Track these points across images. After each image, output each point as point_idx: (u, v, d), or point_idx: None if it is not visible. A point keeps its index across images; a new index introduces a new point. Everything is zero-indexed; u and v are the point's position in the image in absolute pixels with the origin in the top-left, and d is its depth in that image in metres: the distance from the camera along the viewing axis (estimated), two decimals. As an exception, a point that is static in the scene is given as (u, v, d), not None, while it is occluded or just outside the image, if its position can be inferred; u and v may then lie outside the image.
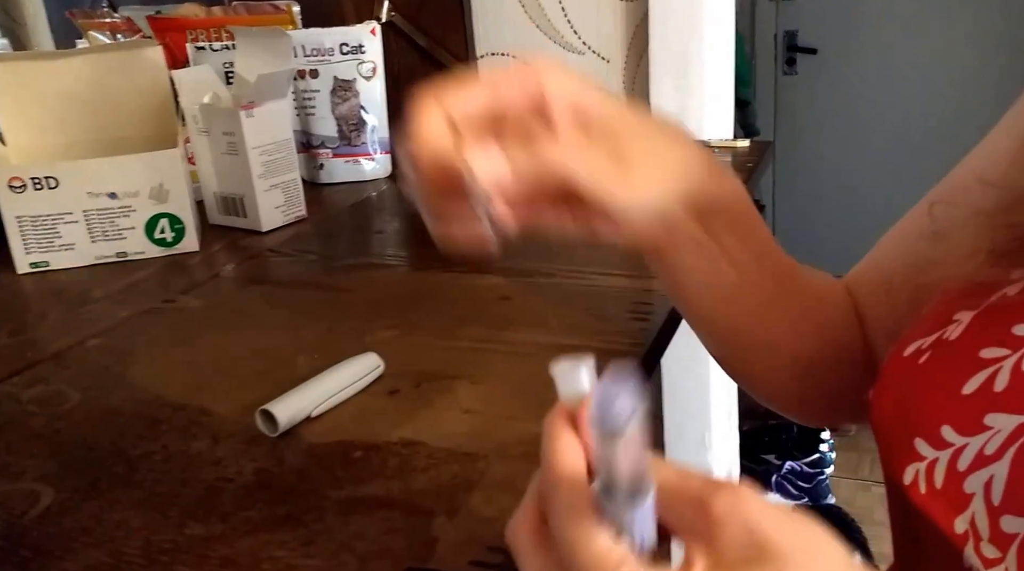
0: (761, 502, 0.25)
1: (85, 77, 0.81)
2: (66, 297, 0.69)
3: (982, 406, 0.33)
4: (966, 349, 0.35)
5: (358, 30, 0.96)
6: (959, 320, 0.36)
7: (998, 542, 0.30)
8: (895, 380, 0.38)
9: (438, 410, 0.48)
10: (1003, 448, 0.31)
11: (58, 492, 0.42)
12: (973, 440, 0.32)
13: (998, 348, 0.34)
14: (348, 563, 0.36)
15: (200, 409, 0.50)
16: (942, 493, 0.33)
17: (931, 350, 0.36)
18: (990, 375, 0.33)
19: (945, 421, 0.34)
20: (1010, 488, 0.30)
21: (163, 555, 0.37)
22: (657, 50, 1.07)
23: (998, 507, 0.30)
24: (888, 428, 0.37)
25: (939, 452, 0.33)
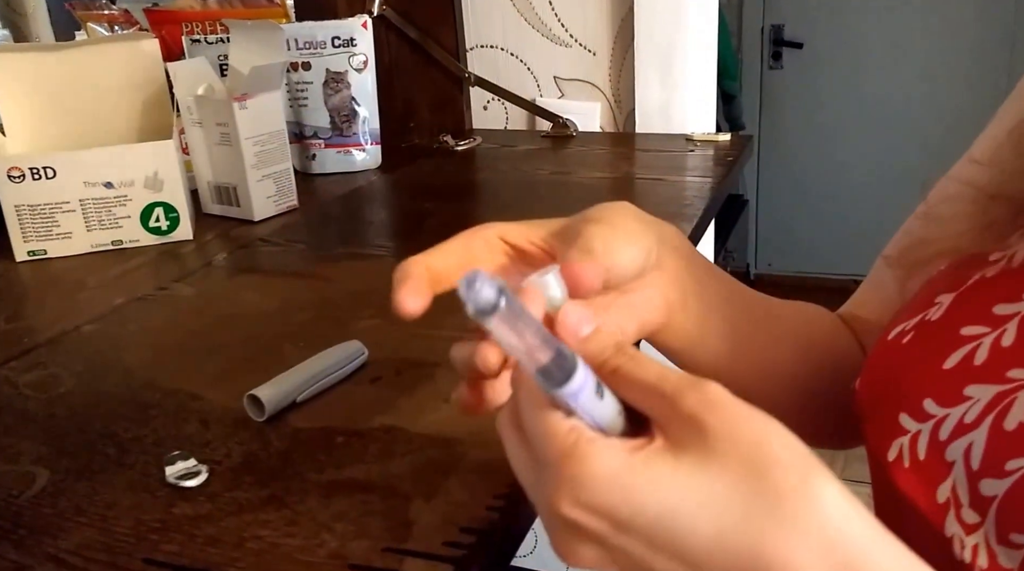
0: (727, 400, 0.26)
1: (83, 69, 0.81)
2: (63, 284, 0.70)
3: (962, 379, 0.33)
4: (947, 328, 0.35)
5: (350, 23, 0.96)
6: (940, 302, 0.37)
7: (977, 506, 0.31)
8: (879, 363, 0.38)
9: (419, 397, 0.49)
10: (982, 416, 0.32)
11: (53, 473, 0.43)
12: (953, 411, 0.33)
13: (978, 326, 0.34)
14: (328, 543, 0.37)
15: (190, 394, 0.50)
16: (925, 464, 0.33)
17: (914, 331, 0.37)
18: (970, 350, 0.34)
19: (927, 395, 0.34)
20: (988, 452, 0.31)
21: (152, 533, 0.38)
22: (642, 43, 1.08)
23: (977, 471, 0.31)
24: (873, 409, 0.37)
25: (921, 424, 0.34)
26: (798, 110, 3.17)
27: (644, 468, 0.26)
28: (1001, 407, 0.31)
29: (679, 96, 1.08)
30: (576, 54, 1.14)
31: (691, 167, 0.94)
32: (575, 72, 1.14)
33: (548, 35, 1.14)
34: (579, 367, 0.27)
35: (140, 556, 0.37)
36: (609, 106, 1.14)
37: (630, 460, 0.26)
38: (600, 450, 0.26)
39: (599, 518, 0.26)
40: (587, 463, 0.26)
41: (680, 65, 1.08)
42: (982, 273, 0.36)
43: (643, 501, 0.25)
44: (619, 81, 1.13)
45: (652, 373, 0.27)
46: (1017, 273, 0.35)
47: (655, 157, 1.00)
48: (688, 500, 0.25)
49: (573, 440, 0.27)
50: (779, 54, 3.20)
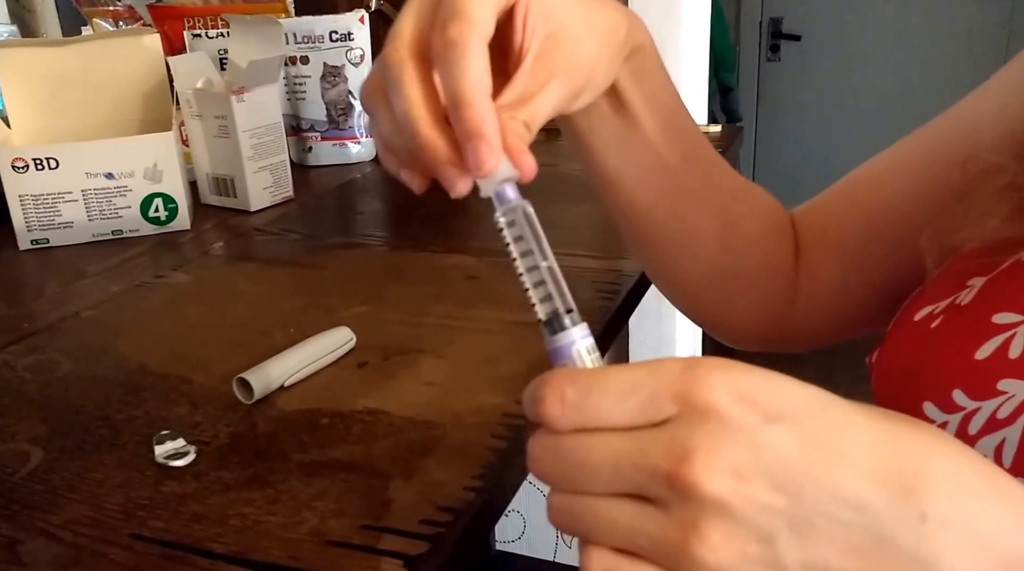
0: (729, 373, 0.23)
1: (86, 63, 0.81)
2: (64, 272, 0.70)
3: (996, 371, 0.31)
4: (979, 314, 0.33)
5: (347, 18, 0.96)
6: (972, 285, 0.35)
7: None
8: (904, 345, 0.36)
9: (402, 382, 0.50)
10: (1016, 413, 0.30)
11: (47, 452, 0.44)
12: (985, 404, 0.31)
13: (1012, 313, 0.32)
14: (308, 520, 0.38)
15: (181, 377, 0.51)
16: None
17: (943, 315, 0.35)
18: (1004, 341, 0.32)
19: (956, 385, 0.32)
20: (1021, 451, 0.29)
21: (140, 510, 0.39)
22: (634, 40, 1.08)
23: (1009, 470, 0.29)
24: (894, 392, 0.36)
25: (949, 416, 0.32)
26: (795, 102, 3.16)
27: (779, 374, 0.23)
28: None
29: (670, 90, 1.08)
30: (570, 48, 1.13)
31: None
32: (569, 66, 1.14)
33: (542, 30, 1.14)
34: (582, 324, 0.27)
35: (127, 531, 0.38)
36: (602, 100, 1.14)
37: (762, 369, 0.23)
38: (719, 358, 0.23)
39: (748, 406, 0.22)
40: (716, 359, 0.23)
41: (673, 58, 1.07)
42: (1017, 257, 0.34)
43: (793, 392, 0.23)
44: (612, 75, 1.13)
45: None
46: None
47: (645, 150, 1.00)
48: (830, 397, 0.23)
49: (685, 357, 0.24)
50: (777, 46, 3.18)
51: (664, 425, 0.23)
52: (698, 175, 0.45)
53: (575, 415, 0.23)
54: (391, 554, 0.35)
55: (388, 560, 0.35)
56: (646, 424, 0.23)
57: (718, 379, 0.22)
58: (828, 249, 0.48)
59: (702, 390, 0.22)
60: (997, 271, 0.34)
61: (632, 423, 0.23)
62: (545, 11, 0.32)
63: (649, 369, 0.23)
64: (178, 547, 0.36)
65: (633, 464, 0.23)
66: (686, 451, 0.22)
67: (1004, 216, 0.35)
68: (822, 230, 0.49)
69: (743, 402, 0.22)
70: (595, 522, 0.24)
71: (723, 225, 0.47)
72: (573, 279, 0.28)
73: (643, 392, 0.23)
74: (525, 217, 0.28)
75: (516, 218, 0.28)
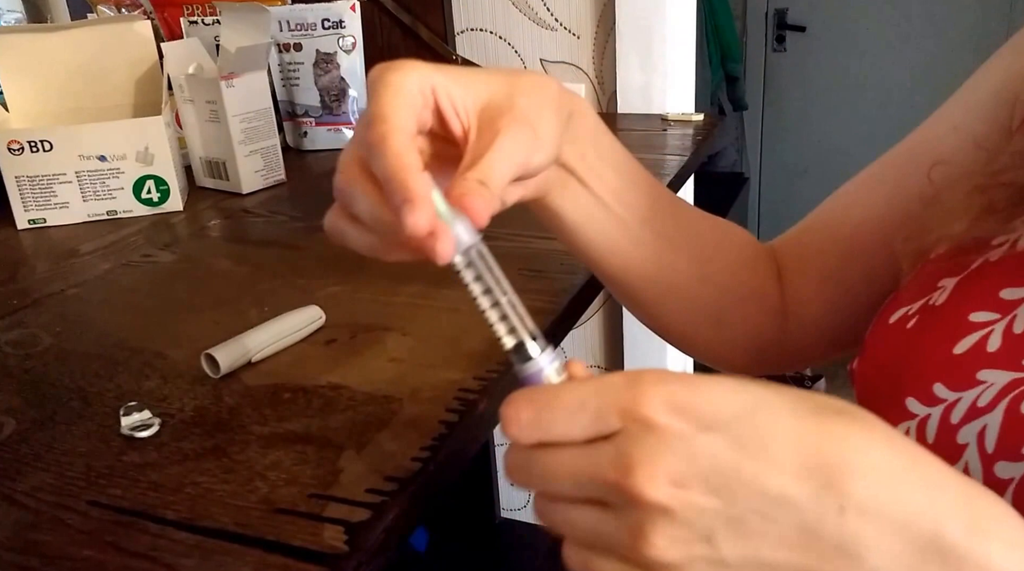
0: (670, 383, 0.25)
1: (81, 49, 0.82)
2: (58, 251, 0.71)
3: (974, 364, 0.32)
4: (954, 313, 0.34)
5: (339, 6, 0.96)
6: (943, 286, 0.35)
7: (991, 488, 0.30)
8: (881, 347, 0.37)
9: (367, 358, 0.50)
10: (996, 399, 0.31)
11: (19, 423, 0.44)
12: (966, 394, 0.32)
13: (987, 312, 0.33)
14: (259, 489, 0.38)
15: (156, 353, 0.52)
16: (934, 447, 0.32)
17: (918, 315, 0.35)
18: (982, 337, 0.32)
19: (937, 379, 0.33)
20: (1003, 435, 0.30)
21: (101, 479, 0.40)
22: (623, 27, 1.07)
23: (992, 454, 0.30)
24: (875, 392, 0.36)
25: (931, 408, 0.33)
26: (801, 92, 3.13)
27: (712, 377, 0.25)
28: (1017, 392, 0.30)
29: (658, 78, 1.07)
30: (561, 37, 1.13)
31: (662, 145, 0.93)
32: (560, 55, 1.14)
33: (534, 19, 1.13)
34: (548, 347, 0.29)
35: (86, 498, 0.38)
36: (593, 87, 1.14)
37: (696, 375, 0.25)
38: (661, 370, 0.25)
39: (683, 417, 0.24)
40: (657, 372, 0.25)
41: (659, 48, 1.06)
42: (985, 257, 0.35)
43: (724, 399, 0.24)
44: (602, 63, 1.12)
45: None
46: (1021, 257, 0.33)
47: (630, 135, 0.99)
48: (762, 399, 0.24)
49: (631, 371, 0.26)
50: (783, 37, 3.15)
51: (612, 439, 0.25)
52: (668, 223, 0.46)
53: (533, 433, 0.26)
54: (334, 521, 0.36)
55: (331, 527, 0.35)
56: (597, 437, 0.25)
57: (656, 394, 0.24)
58: (810, 274, 0.49)
59: (641, 406, 0.24)
60: (968, 272, 0.35)
61: (584, 437, 0.26)
62: (471, 92, 0.34)
63: (596, 388, 0.26)
64: (132, 513, 0.37)
65: (588, 476, 0.25)
66: (630, 463, 0.24)
67: (972, 217, 0.35)
68: (802, 257, 0.50)
69: (678, 414, 0.24)
70: (565, 524, 0.27)
71: (701, 264, 0.47)
72: (543, 258, 0.28)
73: (591, 410, 0.25)
74: (480, 257, 0.29)
75: (472, 259, 0.29)
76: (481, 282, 0.29)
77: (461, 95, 0.34)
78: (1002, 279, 0.33)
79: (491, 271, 0.29)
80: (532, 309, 0.55)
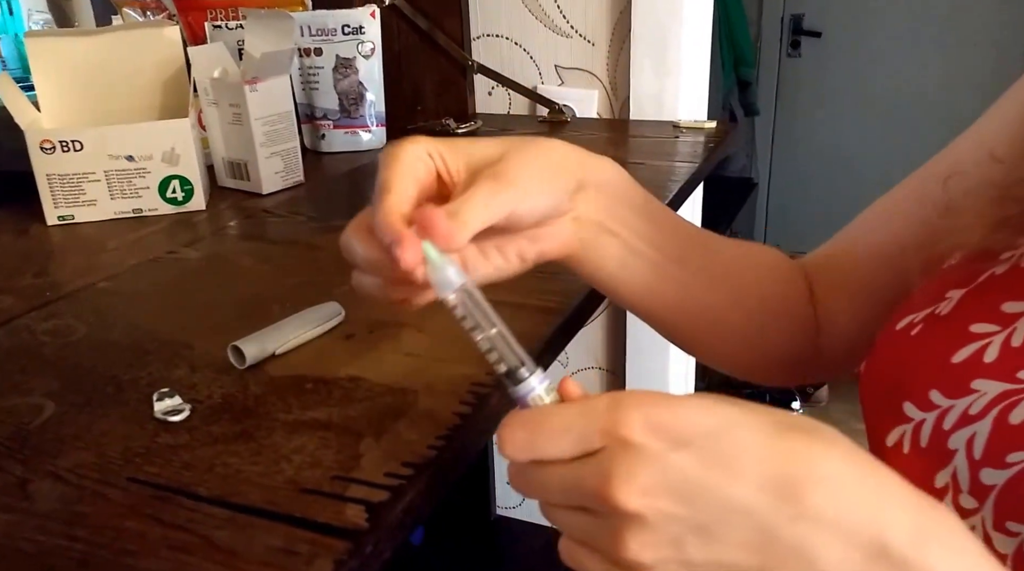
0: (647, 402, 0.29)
1: (111, 53, 0.85)
2: (86, 246, 0.75)
3: (971, 373, 0.34)
4: (957, 323, 0.35)
5: (359, 13, 0.99)
6: (950, 297, 0.37)
7: (976, 493, 0.32)
8: (887, 351, 0.39)
9: (384, 353, 0.53)
10: (987, 408, 0.32)
11: (58, 406, 0.48)
12: (959, 402, 0.33)
13: (988, 324, 0.34)
14: (285, 470, 0.41)
15: (184, 344, 0.55)
16: (926, 451, 0.34)
17: (923, 324, 0.37)
18: (981, 347, 0.34)
19: (934, 386, 0.35)
20: (991, 443, 0.32)
21: (137, 458, 0.43)
22: (638, 35, 1.10)
23: (979, 461, 0.32)
24: (877, 395, 0.38)
25: (926, 414, 0.35)
26: (814, 98, 3.14)
27: (691, 397, 0.29)
28: (1007, 403, 0.32)
29: (671, 85, 1.11)
30: (576, 44, 1.16)
31: (673, 152, 0.96)
32: (575, 61, 1.17)
33: (550, 26, 1.16)
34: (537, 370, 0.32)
35: (125, 475, 0.41)
36: (606, 93, 1.17)
37: (672, 395, 0.29)
38: (641, 391, 0.29)
39: (657, 436, 0.28)
40: (637, 395, 0.29)
41: (674, 56, 1.09)
42: (992, 270, 0.36)
43: (696, 419, 0.28)
44: (616, 70, 1.15)
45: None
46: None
47: (642, 142, 1.02)
48: (732, 419, 0.28)
49: (613, 393, 0.29)
50: (798, 43, 3.17)
51: (595, 456, 0.29)
52: (701, 260, 0.49)
53: (527, 453, 0.30)
54: (356, 501, 0.39)
55: (352, 506, 0.39)
56: (583, 454, 0.29)
57: (635, 416, 0.28)
58: (843, 288, 0.51)
59: (621, 427, 0.28)
60: (974, 285, 0.36)
61: (572, 455, 0.30)
62: (463, 156, 0.39)
63: (581, 410, 0.30)
64: (168, 490, 0.40)
65: (574, 489, 0.29)
66: (609, 477, 0.28)
67: (984, 230, 0.37)
68: (835, 271, 0.52)
69: (654, 433, 0.28)
70: (560, 525, 0.31)
71: (735, 293, 0.50)
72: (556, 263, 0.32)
73: (576, 432, 0.29)
74: (468, 296, 0.33)
75: (460, 299, 0.33)
76: (469, 319, 0.33)
77: (454, 159, 0.39)
78: (1005, 293, 0.35)
79: (479, 307, 0.33)
80: (542, 310, 0.58)
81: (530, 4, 1.16)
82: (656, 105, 1.12)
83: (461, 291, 0.34)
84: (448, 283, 0.34)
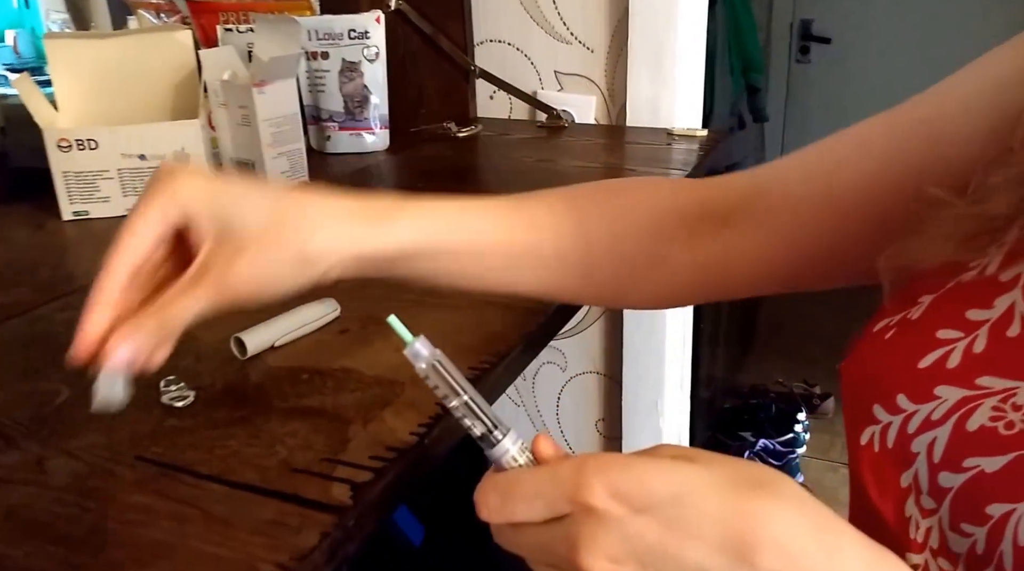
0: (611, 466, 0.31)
1: (125, 55, 0.90)
2: (100, 241, 0.78)
3: (934, 379, 0.35)
4: (925, 329, 0.37)
5: (364, 18, 1.03)
6: (922, 302, 0.38)
7: (935, 495, 0.34)
8: (863, 353, 0.40)
9: (376, 347, 0.57)
10: (947, 415, 0.34)
11: (73, 391, 0.52)
12: (923, 407, 0.35)
13: (953, 330, 0.36)
14: (279, 452, 0.45)
15: (190, 335, 0.58)
16: (892, 452, 0.36)
17: (896, 328, 0.39)
18: (944, 353, 0.36)
19: (901, 390, 0.36)
20: (949, 448, 0.34)
21: (144, 439, 0.47)
22: (635, 43, 1.14)
23: (938, 464, 0.34)
24: (853, 395, 0.40)
25: (893, 417, 0.36)
26: (824, 104, 3.16)
27: (652, 460, 0.31)
28: (966, 409, 0.34)
29: (667, 93, 1.14)
30: (576, 51, 1.20)
31: (663, 159, 1.00)
32: (574, 67, 1.20)
33: (551, 32, 1.20)
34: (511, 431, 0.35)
35: (133, 455, 0.46)
36: (604, 100, 1.21)
37: (637, 457, 0.31)
38: (606, 456, 0.31)
39: (620, 502, 0.30)
40: (601, 460, 0.31)
41: (669, 64, 1.13)
42: (959, 278, 0.38)
43: (656, 485, 0.30)
44: (613, 77, 1.19)
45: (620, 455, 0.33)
46: (990, 281, 0.36)
47: (635, 149, 1.06)
48: (691, 482, 0.30)
49: (579, 458, 0.32)
50: (807, 48, 3.19)
51: (563, 521, 0.31)
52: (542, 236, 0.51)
53: (501, 517, 0.33)
54: (342, 480, 0.43)
55: (339, 485, 0.43)
56: (553, 517, 0.32)
57: (597, 483, 0.30)
58: (767, 229, 0.49)
59: (584, 494, 0.30)
60: (942, 291, 0.38)
61: (542, 519, 0.32)
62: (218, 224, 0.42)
63: (550, 477, 0.32)
64: (172, 468, 0.44)
65: (547, 551, 0.32)
66: (576, 543, 0.30)
67: (953, 244, 0.38)
68: (764, 212, 0.50)
69: (616, 499, 0.30)
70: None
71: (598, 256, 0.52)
72: None
73: (545, 498, 0.32)
74: (435, 369, 0.36)
75: (429, 373, 0.36)
76: (440, 389, 0.36)
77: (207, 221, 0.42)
78: (970, 300, 0.36)
79: (449, 380, 0.36)
80: (526, 311, 0.62)
81: (531, 10, 1.20)
82: (652, 112, 1.15)
83: (429, 363, 0.37)
84: (417, 355, 0.37)
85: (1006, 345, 0.34)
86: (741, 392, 2.35)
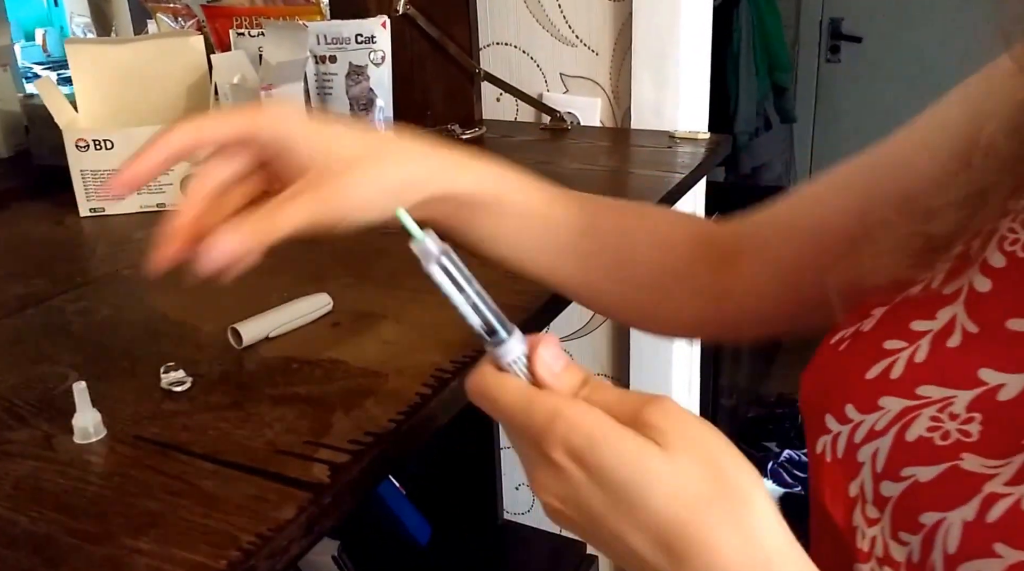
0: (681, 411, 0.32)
1: (141, 59, 0.95)
2: (114, 236, 0.85)
3: (879, 389, 0.37)
4: (873, 340, 0.39)
5: (371, 23, 1.08)
6: (874, 314, 0.40)
7: (878, 504, 0.35)
8: (819, 365, 0.42)
9: (364, 340, 0.62)
10: (889, 425, 0.36)
11: (80, 375, 0.57)
12: (868, 418, 0.37)
13: (898, 340, 0.38)
14: (266, 434, 0.50)
15: (192, 326, 0.64)
16: (841, 462, 0.37)
17: (849, 340, 0.40)
18: (889, 364, 0.37)
19: (849, 401, 0.38)
20: (890, 458, 0.35)
21: (144, 420, 0.52)
22: (640, 46, 1.17)
23: (880, 474, 0.35)
24: (810, 404, 0.41)
25: (842, 427, 0.38)
26: (854, 104, 3.13)
27: (623, 437, 0.31)
28: (906, 420, 0.35)
29: (670, 95, 1.17)
30: (581, 53, 1.23)
31: (669, 162, 1.03)
32: (579, 70, 1.24)
33: (556, 35, 1.24)
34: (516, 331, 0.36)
35: (132, 434, 0.50)
36: (609, 102, 1.24)
37: (611, 426, 0.31)
38: (582, 412, 0.32)
39: (577, 465, 0.31)
40: (576, 415, 0.32)
41: (673, 67, 1.16)
42: (908, 292, 0.40)
43: (620, 463, 0.31)
44: (618, 80, 1.22)
45: (614, 395, 0.34)
46: (934, 294, 0.38)
47: (637, 151, 1.09)
48: (647, 477, 0.31)
49: (557, 404, 0.33)
50: (837, 47, 3.17)
51: (532, 443, 0.33)
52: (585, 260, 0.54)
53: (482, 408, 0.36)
54: (321, 461, 0.47)
55: (318, 465, 0.47)
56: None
57: (562, 439, 0.32)
58: (765, 262, 0.52)
59: (548, 446, 0.32)
60: (892, 303, 0.40)
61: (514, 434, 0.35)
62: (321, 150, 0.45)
63: (524, 411, 0.33)
64: (167, 446, 0.49)
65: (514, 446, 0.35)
66: (533, 473, 0.34)
67: (900, 263, 0.40)
68: (761, 246, 0.53)
69: (574, 459, 0.32)
70: None
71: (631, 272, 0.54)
72: None
73: (516, 428, 0.34)
74: (447, 264, 0.36)
75: (439, 267, 0.36)
76: (448, 284, 0.36)
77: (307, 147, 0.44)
78: (916, 311, 0.38)
79: (461, 271, 0.36)
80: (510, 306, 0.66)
81: (537, 13, 1.24)
82: (656, 114, 1.18)
83: (439, 260, 0.36)
84: (427, 253, 0.36)
85: (946, 355, 0.36)
86: (767, 401, 2.35)
